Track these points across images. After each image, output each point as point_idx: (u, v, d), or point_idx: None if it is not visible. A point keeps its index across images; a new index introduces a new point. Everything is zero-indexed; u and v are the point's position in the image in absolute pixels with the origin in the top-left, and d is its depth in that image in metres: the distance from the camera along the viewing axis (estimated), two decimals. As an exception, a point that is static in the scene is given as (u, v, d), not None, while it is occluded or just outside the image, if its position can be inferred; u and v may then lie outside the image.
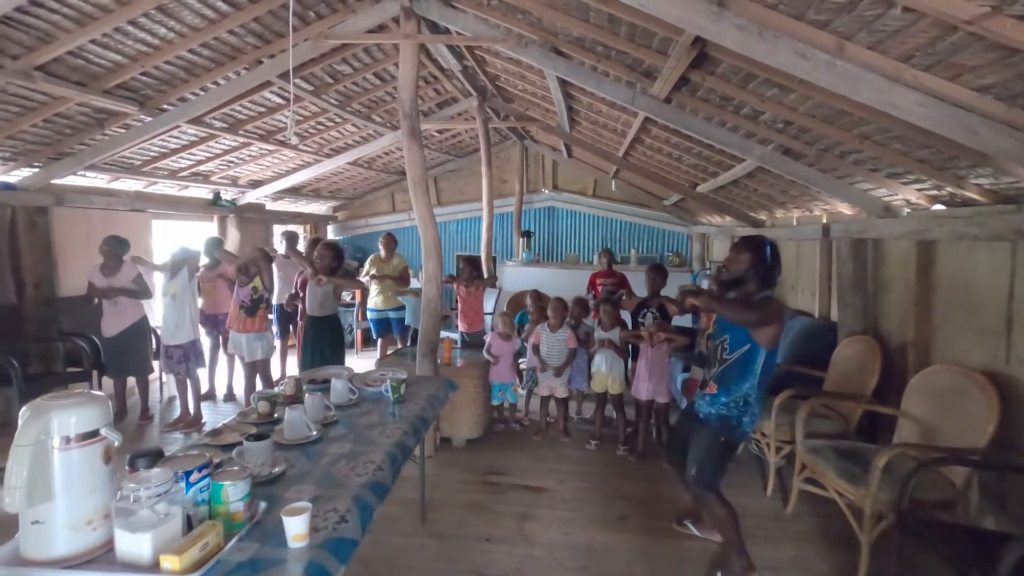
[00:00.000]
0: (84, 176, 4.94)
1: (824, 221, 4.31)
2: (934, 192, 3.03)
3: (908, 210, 3.34)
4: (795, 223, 5.11)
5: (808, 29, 2.01)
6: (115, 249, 4.39)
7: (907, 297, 3.39)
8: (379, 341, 6.13)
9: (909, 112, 2.01)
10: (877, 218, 3.46)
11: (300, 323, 5.46)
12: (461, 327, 5.15)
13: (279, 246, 6.10)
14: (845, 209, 4.01)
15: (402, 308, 5.99)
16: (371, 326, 6.12)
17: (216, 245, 5.15)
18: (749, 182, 4.75)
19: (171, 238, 6.51)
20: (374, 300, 5.91)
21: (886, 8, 1.74)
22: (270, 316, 4.81)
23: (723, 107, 3.37)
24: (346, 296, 6.36)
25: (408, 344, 5.81)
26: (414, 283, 6.44)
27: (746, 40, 2.06)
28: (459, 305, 5.17)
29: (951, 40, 1.75)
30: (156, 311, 5.04)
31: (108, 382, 4.76)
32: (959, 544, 2.09)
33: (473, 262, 5.29)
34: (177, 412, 4.59)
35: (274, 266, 5.39)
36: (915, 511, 2.32)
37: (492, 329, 4.78)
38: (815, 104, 2.72)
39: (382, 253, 5.94)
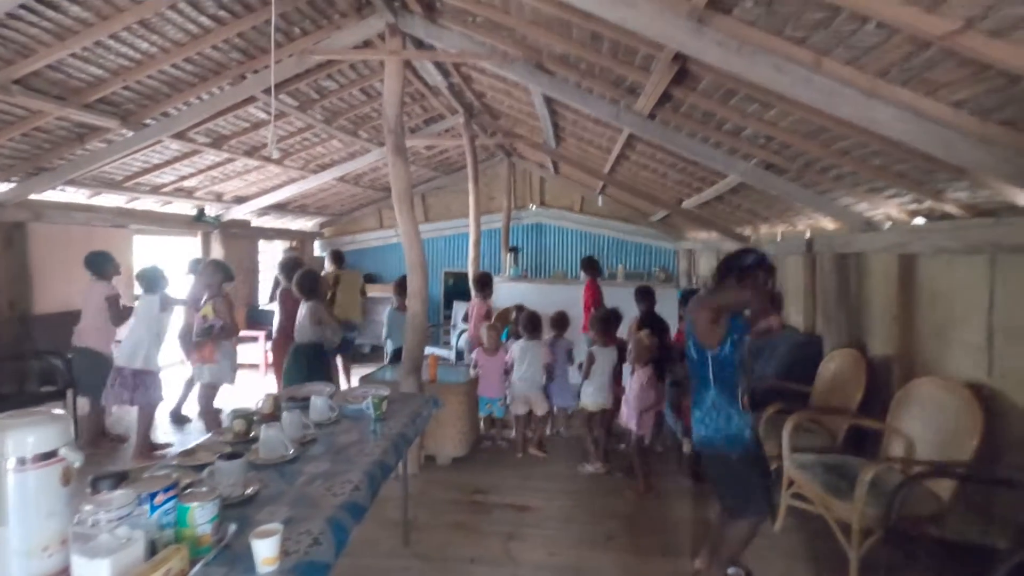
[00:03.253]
0: (64, 191, 4.86)
1: (807, 236, 4.35)
2: (914, 206, 3.07)
3: (889, 224, 3.38)
4: (779, 238, 5.16)
5: (786, 45, 2.04)
6: (102, 266, 4.25)
7: (890, 310, 3.41)
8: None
9: (887, 127, 2.04)
10: (859, 232, 3.50)
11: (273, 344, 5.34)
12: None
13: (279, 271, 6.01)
14: (828, 223, 4.05)
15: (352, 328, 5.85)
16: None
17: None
18: (733, 197, 4.80)
19: (153, 255, 6.44)
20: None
21: (861, 24, 1.77)
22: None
23: (705, 123, 3.41)
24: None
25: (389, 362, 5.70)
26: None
27: (725, 56, 2.09)
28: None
29: (926, 56, 1.78)
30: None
31: (83, 402, 4.63)
32: (947, 559, 2.07)
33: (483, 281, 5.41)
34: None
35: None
36: (902, 526, 2.30)
37: (478, 343, 4.75)
38: (795, 120, 2.76)
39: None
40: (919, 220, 3.12)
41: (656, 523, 3.25)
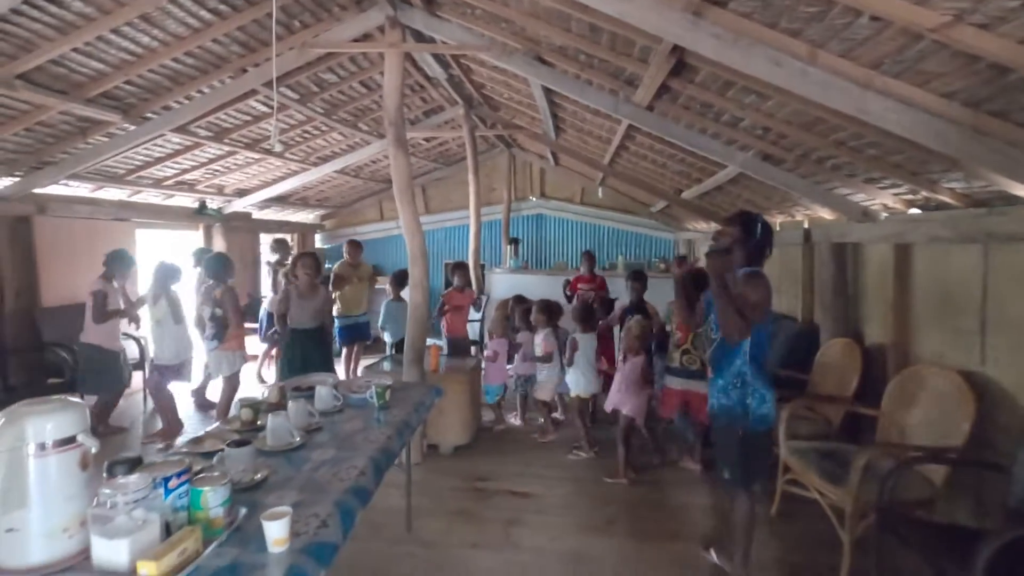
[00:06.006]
0: (67, 185, 4.89)
1: (805, 226, 4.38)
2: (910, 196, 3.10)
3: (885, 214, 3.41)
4: (778, 228, 5.18)
5: (781, 37, 2.06)
6: (122, 265, 4.39)
7: (886, 300, 3.45)
8: (344, 352, 5.93)
9: (880, 118, 2.06)
10: (856, 222, 3.53)
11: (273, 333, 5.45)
12: (448, 332, 5.20)
13: (269, 254, 6.12)
14: (825, 214, 4.08)
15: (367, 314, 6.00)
16: (338, 335, 5.84)
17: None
18: (733, 188, 4.83)
19: (155, 248, 6.48)
20: (344, 306, 5.80)
21: (855, 17, 1.79)
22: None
23: (704, 114, 3.43)
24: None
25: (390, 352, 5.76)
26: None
27: (721, 48, 2.11)
28: (448, 310, 5.20)
29: (918, 48, 1.81)
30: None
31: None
32: (937, 541, 2.12)
33: (463, 268, 5.44)
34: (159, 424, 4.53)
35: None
36: (895, 510, 2.35)
37: (490, 335, 4.83)
38: (792, 111, 2.78)
39: (349, 259, 5.94)
40: (915, 210, 3.15)
41: (656, 509, 3.32)
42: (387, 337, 5.55)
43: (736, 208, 5.70)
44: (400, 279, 5.42)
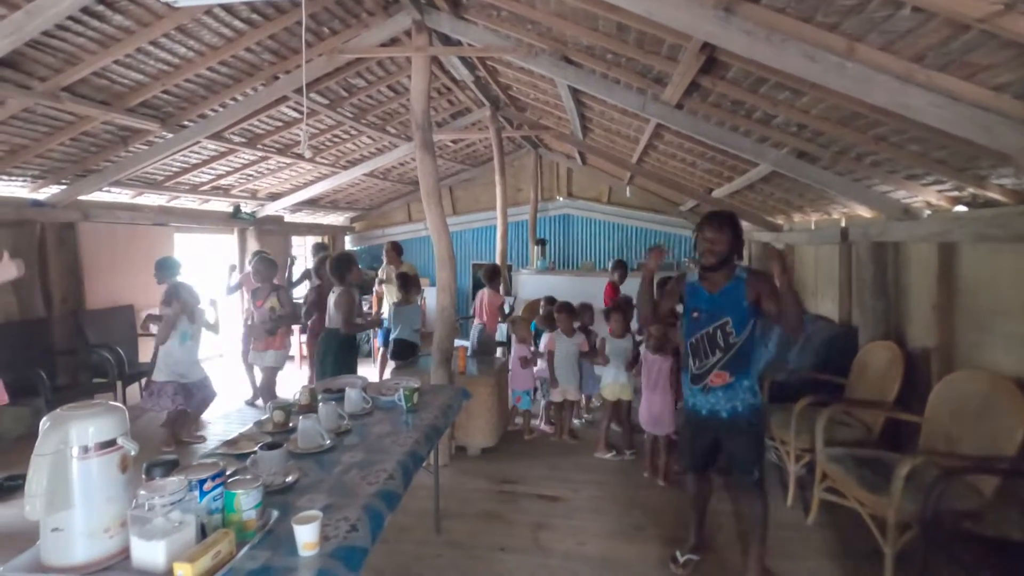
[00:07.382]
0: (109, 192, 5.09)
1: (843, 224, 4.24)
2: (955, 193, 2.97)
3: (928, 212, 3.27)
4: (813, 226, 5.04)
5: (817, 32, 2.00)
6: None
7: (929, 301, 3.31)
8: (383, 352, 5.94)
9: (923, 112, 1.98)
10: (897, 221, 3.40)
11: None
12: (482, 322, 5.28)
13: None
14: (864, 212, 3.94)
15: None
16: (381, 337, 5.98)
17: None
18: (765, 186, 4.71)
19: (193, 251, 6.68)
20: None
21: (896, 9, 1.72)
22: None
23: (735, 112, 3.35)
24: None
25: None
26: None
27: (753, 44, 2.05)
28: (485, 307, 5.29)
29: (964, 39, 1.72)
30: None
31: (132, 392, 4.87)
32: (986, 556, 2.02)
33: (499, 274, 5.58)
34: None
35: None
36: (941, 522, 2.25)
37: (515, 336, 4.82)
38: (828, 106, 2.69)
39: (393, 263, 5.96)
40: (960, 207, 3.01)
41: (685, 515, 3.25)
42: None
43: (765, 221, 5.57)
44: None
